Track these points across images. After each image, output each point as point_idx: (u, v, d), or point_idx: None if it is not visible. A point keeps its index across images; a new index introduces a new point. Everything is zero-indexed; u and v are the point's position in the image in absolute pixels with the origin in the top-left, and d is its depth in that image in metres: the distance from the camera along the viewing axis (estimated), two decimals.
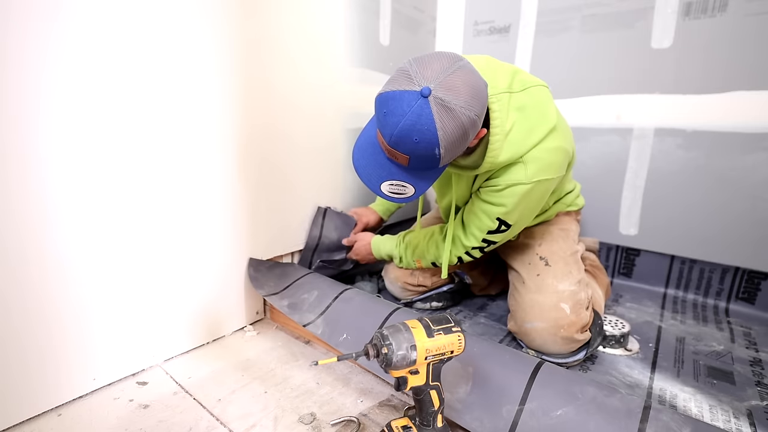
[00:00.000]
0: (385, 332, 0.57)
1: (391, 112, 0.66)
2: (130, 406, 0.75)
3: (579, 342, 0.88)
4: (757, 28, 1.07)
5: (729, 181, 1.16)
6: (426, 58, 0.67)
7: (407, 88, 0.64)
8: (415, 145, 0.66)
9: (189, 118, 0.85)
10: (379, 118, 0.69)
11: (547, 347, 0.89)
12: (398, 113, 0.65)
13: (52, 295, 0.71)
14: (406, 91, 0.64)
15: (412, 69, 0.65)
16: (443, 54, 0.68)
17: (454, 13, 1.58)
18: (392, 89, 0.66)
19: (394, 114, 0.65)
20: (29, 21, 0.62)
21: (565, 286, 0.91)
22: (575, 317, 0.87)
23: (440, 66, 0.65)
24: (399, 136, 0.66)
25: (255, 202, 1.02)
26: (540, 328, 0.89)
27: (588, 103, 1.33)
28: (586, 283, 0.96)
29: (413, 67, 0.66)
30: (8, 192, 0.64)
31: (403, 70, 0.66)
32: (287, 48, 1.02)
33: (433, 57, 0.67)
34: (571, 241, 1.02)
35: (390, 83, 0.67)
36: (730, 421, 0.75)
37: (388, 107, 0.66)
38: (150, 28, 0.76)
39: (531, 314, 0.90)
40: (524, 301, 0.93)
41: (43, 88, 0.65)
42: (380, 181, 0.75)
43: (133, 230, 0.79)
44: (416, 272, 1.11)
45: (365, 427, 0.71)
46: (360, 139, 0.78)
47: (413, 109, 0.64)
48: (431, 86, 0.63)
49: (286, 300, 0.99)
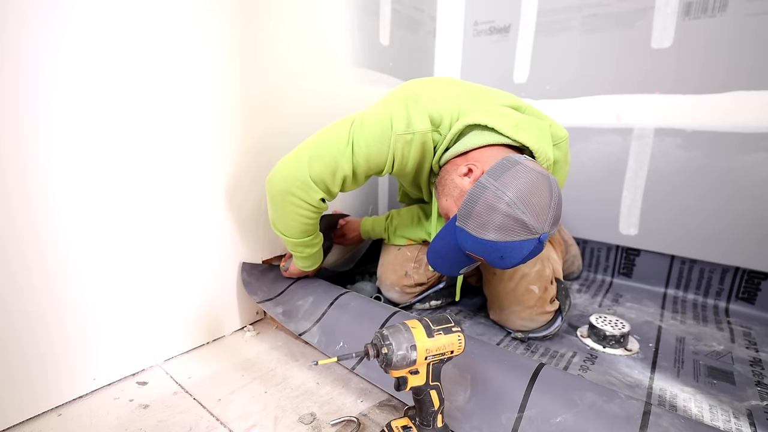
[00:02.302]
0: (385, 332, 0.57)
1: (510, 257, 0.70)
2: (130, 406, 0.75)
3: (550, 312, 0.99)
4: (757, 28, 1.07)
5: (729, 181, 1.16)
6: (531, 198, 0.68)
7: (527, 238, 0.68)
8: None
9: (188, 122, 0.85)
10: (490, 257, 0.72)
11: (525, 325, 0.99)
12: (517, 257, 0.70)
13: (52, 296, 0.71)
14: (527, 240, 0.69)
15: (530, 220, 0.67)
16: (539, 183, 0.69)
17: (454, 13, 1.58)
18: (511, 240, 0.69)
19: (514, 258, 0.71)
20: (27, 22, 0.62)
21: (531, 268, 0.98)
22: (543, 293, 0.97)
23: (547, 204, 0.69)
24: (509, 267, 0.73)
25: (254, 202, 1.02)
26: (516, 311, 0.98)
27: (588, 103, 1.33)
28: (547, 257, 1.03)
29: (531, 218, 0.67)
30: (8, 193, 0.64)
31: (520, 221, 0.68)
32: (287, 48, 1.02)
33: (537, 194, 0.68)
34: None
35: (504, 231, 0.69)
36: (730, 421, 0.75)
37: (506, 253, 0.70)
38: (149, 28, 0.76)
39: (507, 301, 0.99)
40: (498, 291, 1.01)
41: (41, 88, 0.65)
42: (459, 270, 0.85)
43: (132, 230, 0.79)
44: (410, 272, 1.11)
45: (365, 427, 0.71)
46: (436, 245, 0.82)
47: (531, 251, 0.70)
48: (547, 231, 0.69)
49: (281, 307, 0.97)
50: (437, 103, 0.83)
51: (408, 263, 1.11)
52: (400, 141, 0.82)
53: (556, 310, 1.00)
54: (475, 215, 0.71)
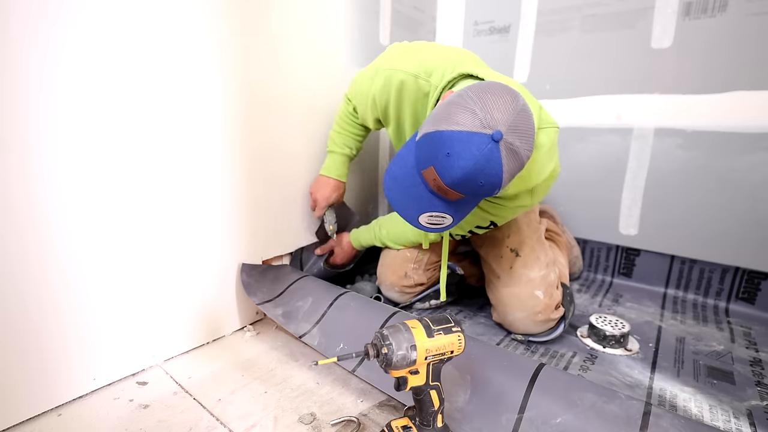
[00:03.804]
0: (385, 332, 0.57)
1: (456, 154, 0.61)
2: (130, 406, 0.75)
3: (555, 319, 0.97)
4: (757, 28, 1.08)
5: (729, 181, 1.16)
6: (488, 95, 0.62)
7: (476, 131, 0.60)
8: (478, 188, 0.64)
9: (190, 122, 0.85)
10: (438, 157, 0.64)
11: (529, 330, 0.98)
12: (466, 157, 0.61)
13: (52, 296, 0.71)
14: (476, 133, 0.60)
15: (477, 107, 0.61)
16: (502, 89, 0.64)
17: (454, 13, 1.58)
18: (458, 129, 0.61)
19: (461, 157, 0.61)
20: (31, 22, 0.62)
21: (536, 273, 0.97)
22: (548, 300, 0.95)
23: (506, 106, 0.62)
24: (464, 179, 0.63)
25: (253, 202, 1.02)
26: (520, 318, 0.97)
27: (588, 103, 1.33)
28: (552, 261, 1.02)
29: (477, 104, 0.61)
30: (9, 193, 0.64)
31: (465, 106, 0.62)
32: (287, 48, 1.02)
33: (495, 93, 0.63)
34: (535, 223, 1.06)
35: (451, 120, 0.62)
36: (730, 421, 0.75)
37: (452, 149, 0.62)
38: (150, 28, 0.76)
39: (510, 306, 0.98)
40: (502, 295, 1.00)
41: (44, 88, 0.65)
42: (419, 214, 0.72)
43: (133, 230, 0.79)
44: (410, 273, 1.11)
45: (365, 427, 0.71)
46: (393, 168, 0.73)
47: (483, 153, 0.60)
48: (502, 130, 0.60)
49: (281, 308, 0.97)
50: (433, 56, 0.87)
51: (408, 264, 1.11)
52: (382, 74, 0.91)
53: (560, 316, 0.98)
54: (431, 116, 0.67)
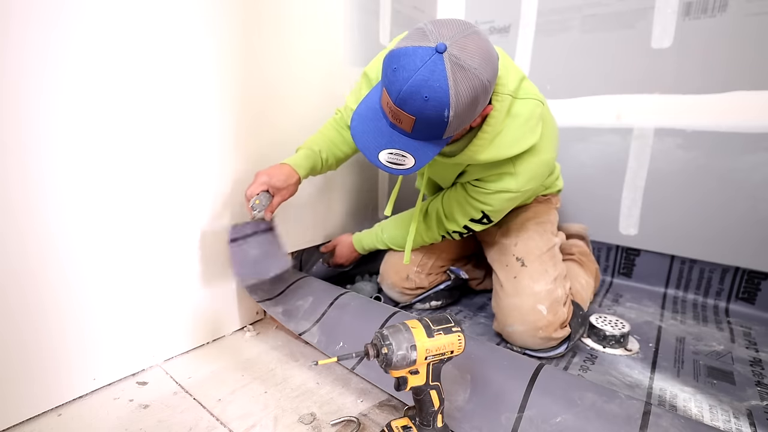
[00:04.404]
0: (385, 332, 0.57)
1: (402, 67, 0.62)
2: (130, 406, 0.75)
3: (557, 339, 0.92)
4: (757, 28, 1.08)
5: (729, 181, 1.16)
6: (443, 20, 0.65)
7: (421, 44, 0.61)
8: (424, 104, 0.62)
9: (190, 122, 0.85)
10: (387, 74, 0.65)
11: (527, 346, 0.94)
12: (410, 68, 0.61)
13: (52, 296, 0.70)
14: (420, 46, 0.61)
15: (428, 27, 0.63)
16: (460, 19, 0.66)
17: (454, 13, 1.58)
18: (405, 45, 0.63)
19: (406, 69, 0.62)
20: (31, 23, 0.62)
21: (542, 287, 0.92)
22: (552, 317, 0.90)
23: (457, 27, 0.63)
24: (408, 92, 0.62)
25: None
26: (519, 331, 0.92)
27: (588, 103, 1.33)
28: (563, 277, 0.98)
29: (429, 26, 0.63)
30: (9, 192, 0.64)
31: (418, 28, 0.64)
32: (286, 48, 1.02)
33: (450, 19, 0.65)
34: (548, 235, 1.03)
35: (403, 41, 0.64)
36: (730, 421, 0.75)
37: (399, 63, 0.62)
38: (150, 29, 0.76)
39: (510, 318, 0.94)
40: (504, 305, 0.96)
41: (44, 89, 0.65)
42: (379, 150, 0.70)
43: (133, 231, 0.79)
44: (412, 276, 1.11)
45: (365, 427, 0.71)
46: (360, 106, 0.73)
47: (426, 65, 0.60)
48: (447, 43, 0.61)
49: (281, 306, 0.97)
50: None
51: (411, 267, 1.11)
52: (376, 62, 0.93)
53: (565, 337, 0.93)
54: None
